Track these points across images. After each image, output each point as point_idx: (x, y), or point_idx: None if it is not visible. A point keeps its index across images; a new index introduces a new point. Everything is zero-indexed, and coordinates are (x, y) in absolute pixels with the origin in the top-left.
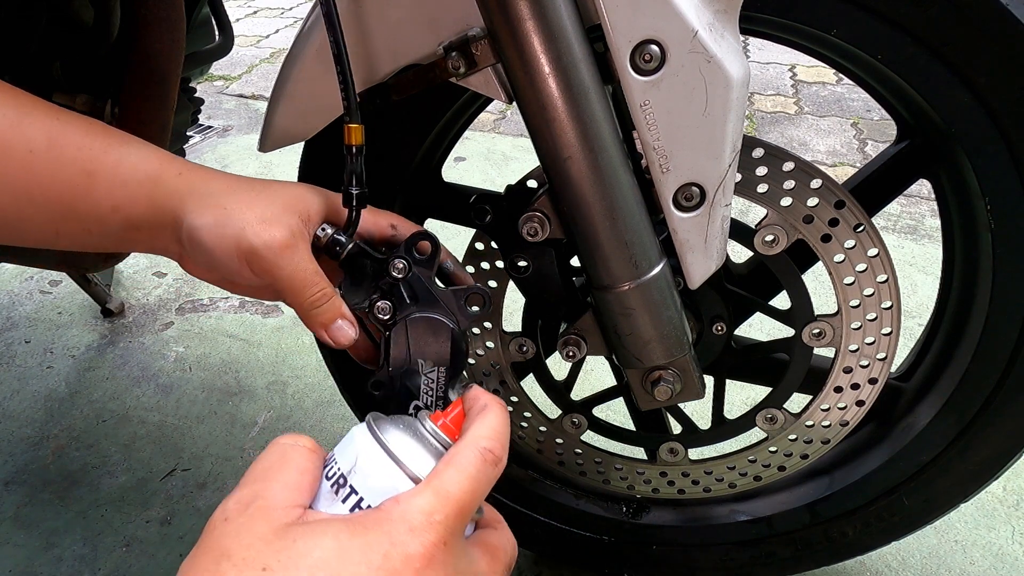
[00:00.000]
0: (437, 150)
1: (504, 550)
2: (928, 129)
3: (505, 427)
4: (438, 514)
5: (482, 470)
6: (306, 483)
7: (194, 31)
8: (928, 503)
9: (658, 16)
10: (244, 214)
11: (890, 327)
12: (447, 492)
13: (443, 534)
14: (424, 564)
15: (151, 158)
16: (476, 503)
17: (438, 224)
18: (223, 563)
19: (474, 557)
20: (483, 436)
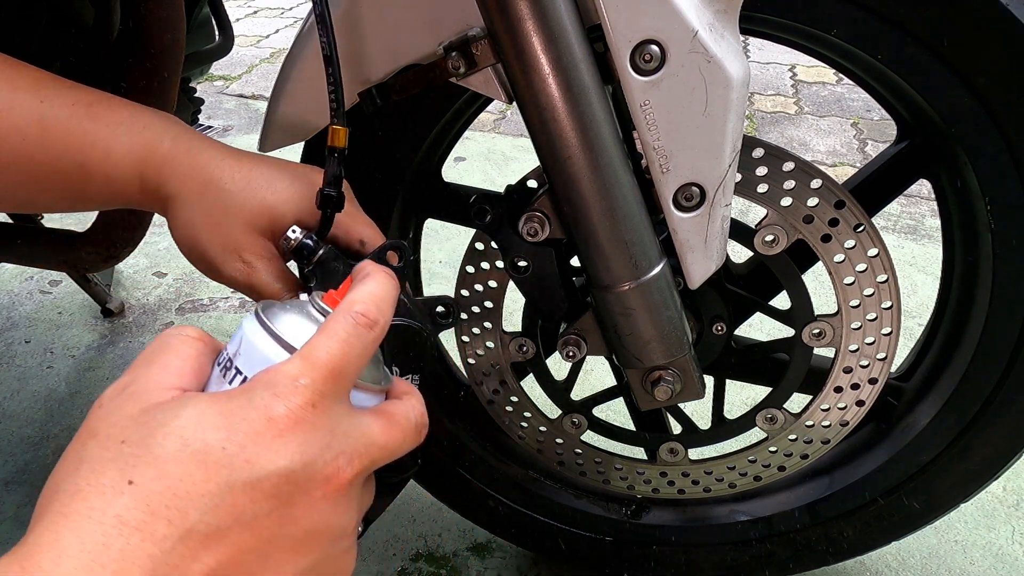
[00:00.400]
0: (437, 150)
1: (405, 416)
2: (928, 129)
3: (383, 290)
4: (304, 377)
5: (353, 333)
6: (188, 368)
7: (194, 31)
8: (928, 503)
9: (658, 16)
10: (210, 248)
11: (890, 327)
12: (315, 356)
13: (311, 396)
14: (289, 425)
15: (135, 148)
16: (352, 365)
17: (438, 224)
18: (89, 443)
19: (362, 421)
20: (356, 300)
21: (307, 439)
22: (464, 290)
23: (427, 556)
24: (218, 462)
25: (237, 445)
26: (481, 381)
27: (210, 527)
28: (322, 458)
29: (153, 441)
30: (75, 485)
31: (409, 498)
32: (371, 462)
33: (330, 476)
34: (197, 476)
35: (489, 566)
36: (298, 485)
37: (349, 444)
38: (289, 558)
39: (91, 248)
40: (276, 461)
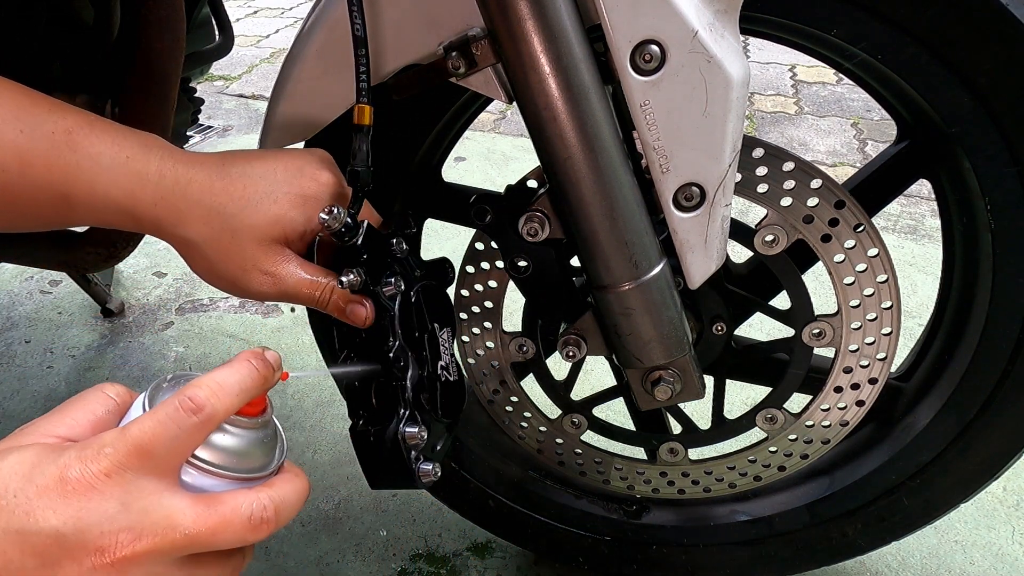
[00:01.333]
0: (437, 150)
1: (235, 507)
2: (928, 129)
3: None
4: (109, 447)
5: (173, 416)
6: (86, 421)
7: (194, 31)
8: (928, 503)
9: (658, 16)
10: (228, 267)
11: (890, 327)
12: (128, 430)
13: (108, 466)
14: (79, 488)
15: (120, 181)
16: (161, 446)
17: (438, 224)
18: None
19: (171, 503)
20: (192, 385)
21: (88, 506)
22: (464, 290)
23: (427, 556)
24: (3, 507)
25: (25, 496)
26: (481, 381)
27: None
28: (99, 528)
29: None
30: None
31: (409, 498)
32: (169, 545)
33: (103, 548)
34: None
35: (489, 566)
36: (67, 550)
37: (141, 521)
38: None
39: (91, 248)
40: (50, 519)
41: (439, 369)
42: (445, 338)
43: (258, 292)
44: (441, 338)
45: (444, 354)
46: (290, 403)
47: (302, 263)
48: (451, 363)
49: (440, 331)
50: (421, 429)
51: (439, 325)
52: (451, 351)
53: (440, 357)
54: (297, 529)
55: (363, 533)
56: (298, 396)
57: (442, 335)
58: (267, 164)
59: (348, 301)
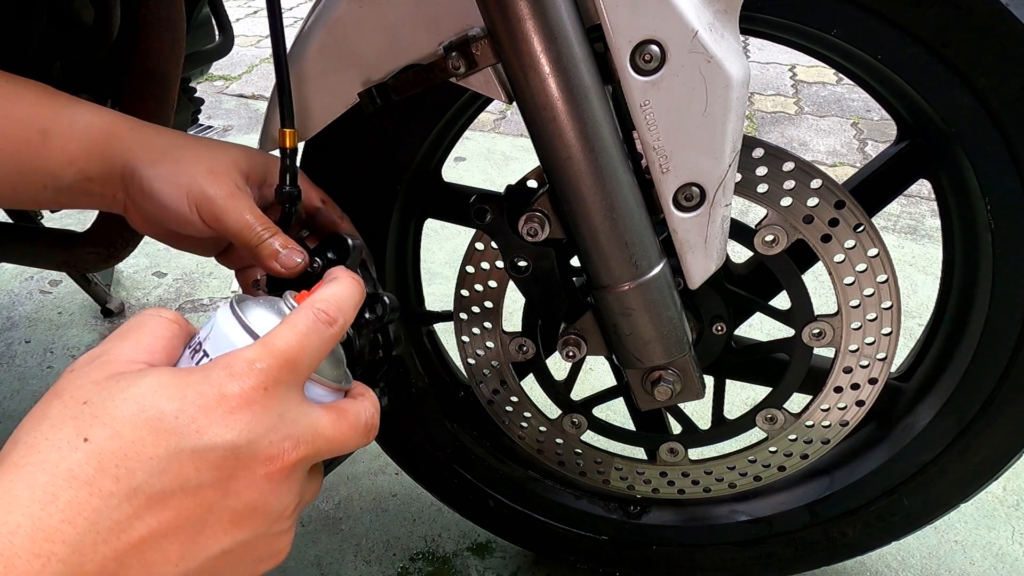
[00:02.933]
0: (437, 150)
1: (356, 415)
2: (928, 129)
3: (344, 292)
4: (260, 362)
5: (313, 327)
6: (159, 346)
7: (194, 31)
8: (928, 503)
9: (658, 16)
10: (195, 167)
11: (890, 327)
12: (272, 344)
13: (264, 380)
14: (240, 404)
15: (103, 115)
16: (308, 356)
17: (438, 224)
18: (54, 402)
19: (312, 411)
20: (319, 299)
21: (255, 419)
22: (464, 290)
23: (427, 556)
24: (169, 429)
25: (189, 416)
26: (481, 381)
27: (155, 489)
28: (267, 438)
29: (112, 404)
30: (34, 439)
31: (409, 498)
32: (315, 451)
33: (273, 456)
34: (148, 440)
35: (489, 566)
36: (242, 460)
37: (296, 430)
38: (226, 529)
39: (91, 248)
40: (224, 435)
41: None
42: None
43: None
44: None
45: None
46: None
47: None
48: None
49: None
50: None
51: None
52: None
53: None
54: (297, 529)
55: (363, 533)
56: None
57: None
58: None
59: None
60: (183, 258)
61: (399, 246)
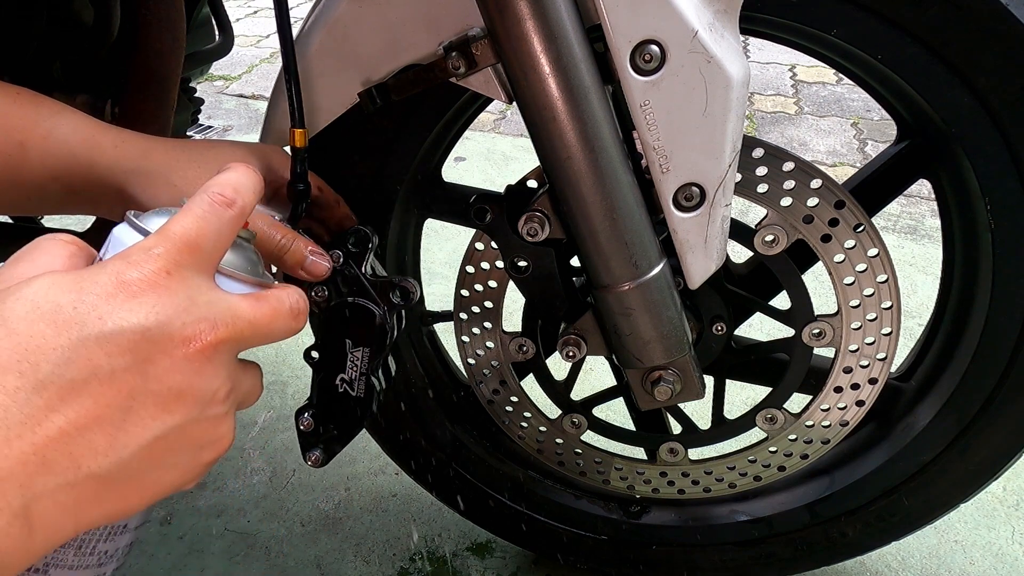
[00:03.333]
0: (437, 150)
1: (277, 298)
2: (928, 129)
3: (242, 177)
4: (158, 248)
5: (209, 210)
6: (56, 265)
7: (194, 31)
8: (928, 503)
9: (658, 16)
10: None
11: (890, 327)
12: (169, 230)
13: (165, 264)
14: (142, 288)
15: (81, 128)
16: (207, 240)
17: (438, 224)
18: None
19: (227, 296)
20: (213, 184)
21: (162, 301)
22: (464, 290)
23: (427, 556)
24: (68, 319)
25: (88, 305)
26: (481, 381)
27: (64, 380)
28: (180, 319)
29: (5, 307)
30: None
31: (409, 498)
32: (237, 333)
33: (190, 337)
34: (48, 332)
35: (489, 566)
36: (155, 343)
37: (211, 312)
38: (154, 415)
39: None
40: (129, 318)
41: (338, 380)
42: (357, 356)
43: None
44: (351, 354)
45: (350, 369)
46: (290, 403)
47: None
48: (358, 380)
49: (353, 348)
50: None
51: (352, 342)
52: (362, 369)
53: (344, 370)
54: (297, 529)
55: (363, 533)
56: (298, 396)
57: (354, 352)
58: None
59: (310, 250)
60: None
61: (399, 246)
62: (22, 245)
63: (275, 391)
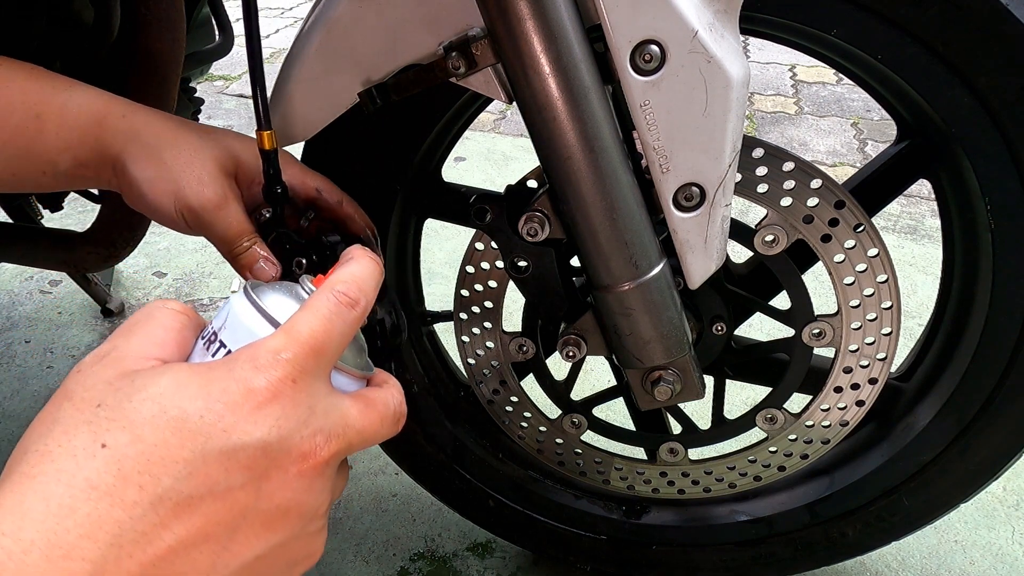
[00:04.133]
0: (437, 150)
1: (384, 403)
2: (928, 129)
3: (364, 272)
4: (286, 352)
5: (335, 311)
6: (169, 339)
7: (194, 31)
8: (928, 503)
9: (658, 16)
10: (182, 174)
11: (890, 327)
12: (297, 332)
13: (291, 371)
14: (268, 398)
15: (96, 99)
16: (334, 343)
17: (438, 224)
18: (63, 405)
19: (341, 402)
20: (339, 280)
21: (285, 413)
22: (464, 290)
23: (427, 556)
24: (194, 430)
25: (215, 414)
26: (481, 381)
27: (182, 495)
28: (299, 434)
29: (129, 406)
30: (45, 447)
31: (409, 498)
32: (347, 445)
33: (307, 453)
34: (172, 442)
35: (489, 566)
36: (274, 459)
37: (327, 423)
38: (259, 533)
39: (91, 248)
40: (253, 432)
41: None
42: None
43: (198, 211)
44: None
45: None
46: None
47: (237, 211)
48: None
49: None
50: None
51: None
52: None
53: None
54: None
55: (363, 533)
56: None
57: None
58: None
59: (263, 258)
60: (183, 258)
61: (399, 246)
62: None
63: None
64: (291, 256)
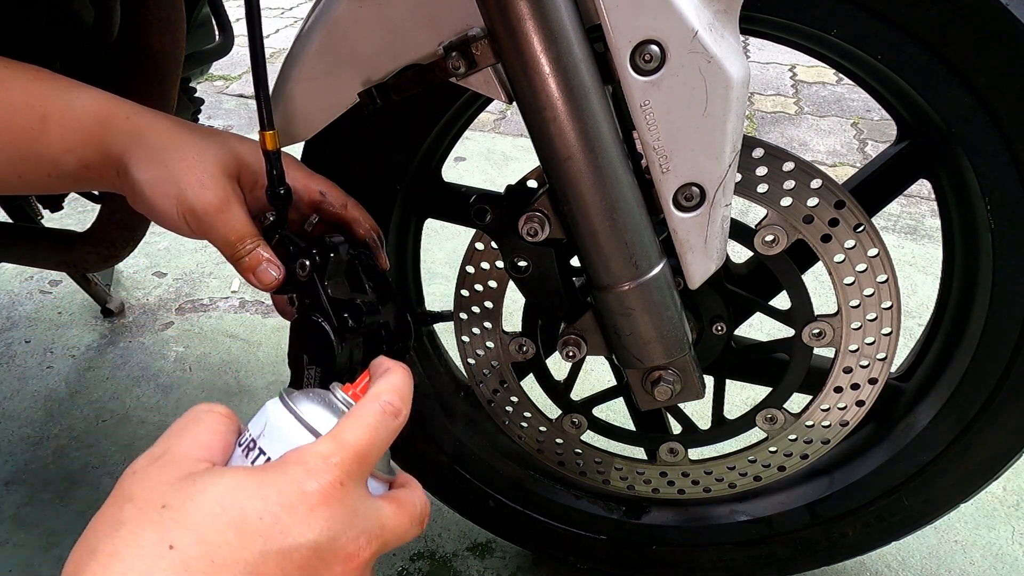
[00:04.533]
0: (437, 150)
1: (413, 504)
2: (928, 129)
3: (404, 383)
4: (335, 457)
5: (380, 420)
6: (216, 443)
7: (194, 31)
8: (928, 503)
9: (658, 16)
10: (184, 176)
11: (890, 327)
12: (344, 439)
13: (340, 475)
14: (320, 501)
15: (99, 100)
16: (376, 450)
17: (438, 224)
18: (126, 506)
19: (378, 505)
20: (383, 391)
21: (334, 515)
22: (464, 290)
23: (427, 556)
24: (255, 531)
25: (272, 516)
26: (481, 381)
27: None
28: (346, 535)
29: (193, 506)
30: (112, 547)
31: None
32: (383, 545)
33: (352, 554)
34: (235, 543)
35: (489, 566)
36: (323, 559)
37: (368, 525)
38: None
39: (91, 248)
40: (307, 534)
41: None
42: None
43: (201, 214)
44: (307, 371)
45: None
46: None
47: (240, 213)
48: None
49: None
50: None
51: (308, 358)
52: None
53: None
54: None
55: None
56: None
57: (309, 369)
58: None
59: (266, 261)
60: (183, 258)
61: (399, 246)
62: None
63: (275, 391)
64: (294, 259)
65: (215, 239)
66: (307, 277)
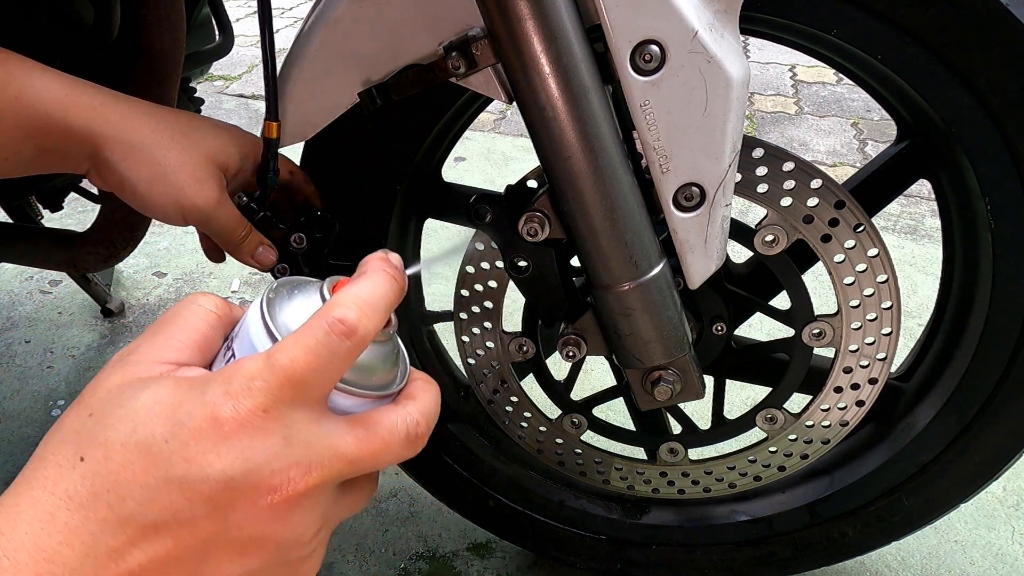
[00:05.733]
0: (437, 150)
1: (391, 426)
2: (928, 129)
3: (376, 292)
4: (259, 380)
5: (324, 341)
6: (191, 341)
7: (194, 31)
8: (928, 503)
9: (658, 16)
10: (179, 174)
11: (890, 327)
12: (276, 360)
13: (264, 401)
14: (235, 428)
15: (55, 87)
16: (316, 375)
17: (438, 224)
18: (73, 409)
19: (331, 431)
20: (338, 304)
21: (252, 445)
22: (464, 290)
23: (427, 556)
24: (158, 455)
25: (179, 441)
26: (481, 381)
27: (147, 520)
28: (269, 467)
29: (108, 422)
30: (43, 452)
31: (409, 498)
32: (335, 474)
33: (276, 487)
34: (137, 466)
35: (489, 566)
36: (238, 492)
37: (306, 454)
38: (233, 559)
39: (91, 248)
40: (215, 464)
41: None
42: None
43: (203, 208)
44: None
45: None
46: None
47: (231, 203)
48: None
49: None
50: None
51: None
52: None
53: None
54: None
55: (363, 533)
56: None
57: None
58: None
59: (261, 243)
60: (183, 258)
61: (399, 246)
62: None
63: None
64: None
65: (213, 229)
66: (306, 249)
